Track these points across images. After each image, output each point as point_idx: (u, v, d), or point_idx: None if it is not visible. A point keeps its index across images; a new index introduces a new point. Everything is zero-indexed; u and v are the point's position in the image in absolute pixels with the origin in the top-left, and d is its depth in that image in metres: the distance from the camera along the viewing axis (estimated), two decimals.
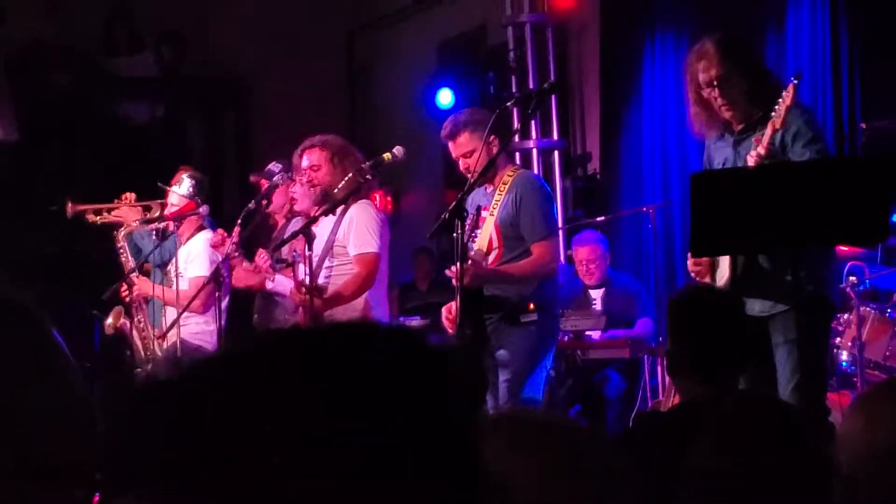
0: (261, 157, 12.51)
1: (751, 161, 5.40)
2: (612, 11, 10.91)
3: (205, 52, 13.58)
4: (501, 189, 6.79)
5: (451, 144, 6.92)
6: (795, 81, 5.40)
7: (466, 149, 6.83)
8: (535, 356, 6.74)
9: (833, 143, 8.32)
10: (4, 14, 12.28)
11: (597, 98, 11.17)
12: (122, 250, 8.48)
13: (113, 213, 8.62)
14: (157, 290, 8.24)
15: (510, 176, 6.87)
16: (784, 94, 5.38)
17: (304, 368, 1.30)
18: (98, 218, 8.63)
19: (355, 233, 7.15)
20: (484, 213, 6.82)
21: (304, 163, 7.37)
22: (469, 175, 6.68)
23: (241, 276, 7.84)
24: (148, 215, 8.57)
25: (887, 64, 8.52)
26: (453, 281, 6.49)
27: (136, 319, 8.39)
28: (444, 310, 6.92)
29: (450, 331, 6.78)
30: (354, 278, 7.14)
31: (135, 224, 8.51)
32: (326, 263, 7.20)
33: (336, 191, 7.12)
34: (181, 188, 8.29)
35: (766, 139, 5.41)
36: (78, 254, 11.76)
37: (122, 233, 8.49)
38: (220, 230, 7.84)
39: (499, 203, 6.77)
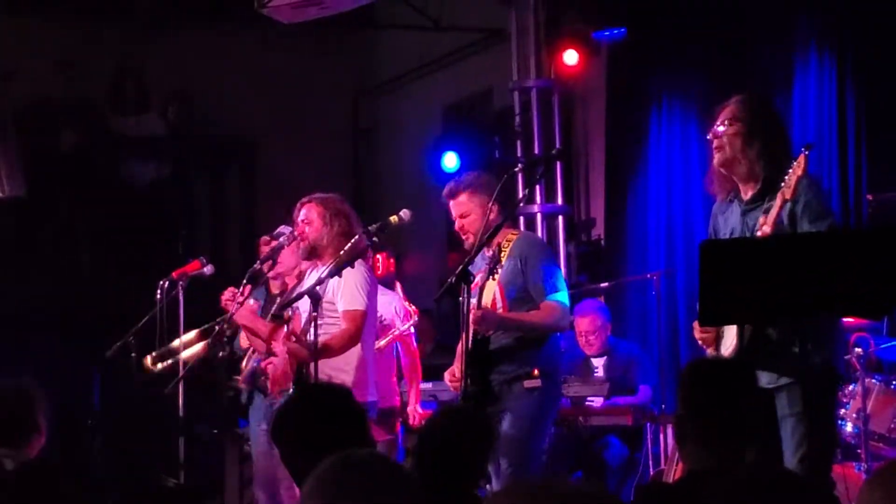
0: (265, 218, 12.55)
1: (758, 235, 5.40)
2: (618, 78, 10.94)
3: (211, 113, 13.64)
4: (504, 248, 6.81)
5: (451, 203, 6.99)
6: (806, 152, 5.39)
7: (462, 210, 6.90)
8: (538, 422, 6.75)
9: (839, 214, 8.32)
10: (14, 70, 12.33)
11: (602, 163, 11.19)
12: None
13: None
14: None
15: (514, 235, 6.92)
16: (795, 164, 5.37)
17: None
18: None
19: (344, 290, 7.17)
20: (479, 278, 6.82)
21: (300, 216, 7.41)
22: (463, 236, 6.76)
23: (247, 314, 7.72)
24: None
25: (894, 136, 8.54)
26: (469, 326, 6.50)
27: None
28: (447, 373, 6.93)
29: (454, 391, 6.79)
30: (342, 333, 7.15)
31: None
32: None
33: (342, 252, 7.13)
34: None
35: (773, 214, 5.39)
36: (80, 310, 11.75)
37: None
38: (230, 288, 7.80)
39: (500, 263, 6.79)
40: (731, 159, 5.72)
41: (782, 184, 5.40)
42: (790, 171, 5.37)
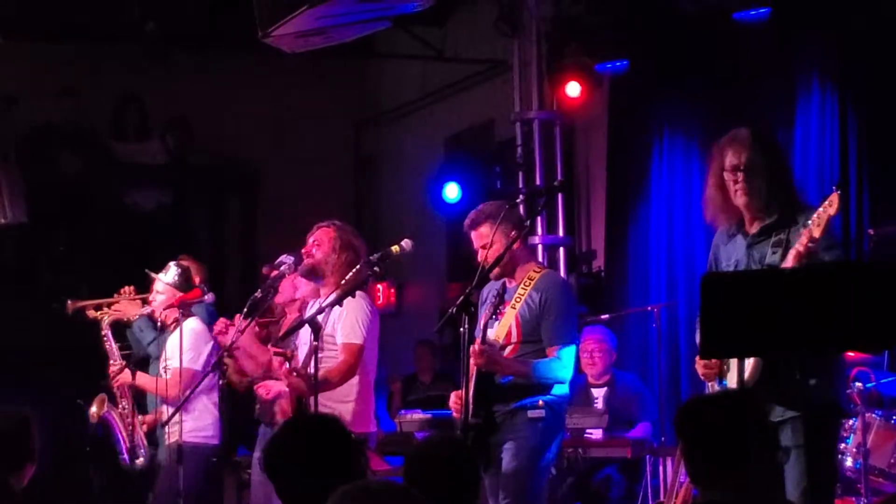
0: (265, 247, 12.54)
1: (790, 257, 5.39)
2: (620, 110, 10.96)
3: (212, 141, 13.66)
4: (526, 284, 6.78)
5: (472, 234, 6.91)
6: (839, 192, 5.37)
7: (485, 241, 6.81)
8: (539, 454, 6.71)
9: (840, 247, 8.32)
10: (17, 97, 12.35)
11: (603, 195, 11.19)
12: (105, 338, 8.45)
13: (113, 307, 8.62)
14: (138, 380, 8.23)
15: (536, 272, 6.86)
16: (826, 203, 5.35)
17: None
18: (98, 313, 8.61)
19: (345, 323, 7.20)
20: (501, 308, 6.79)
21: (312, 237, 7.41)
22: (484, 266, 6.71)
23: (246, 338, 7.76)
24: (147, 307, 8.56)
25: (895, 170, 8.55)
26: (472, 361, 6.48)
27: (120, 406, 8.36)
28: (453, 394, 6.86)
29: (456, 415, 6.76)
30: (340, 365, 7.17)
31: (135, 316, 8.53)
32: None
33: (343, 282, 7.13)
34: (167, 276, 8.30)
35: (805, 241, 5.38)
36: (79, 337, 11.74)
37: (107, 320, 8.47)
38: (222, 319, 7.82)
39: (522, 298, 6.75)
40: (752, 195, 5.72)
41: (809, 222, 5.38)
42: (820, 209, 5.35)
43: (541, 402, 6.69)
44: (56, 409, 9.03)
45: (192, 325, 8.21)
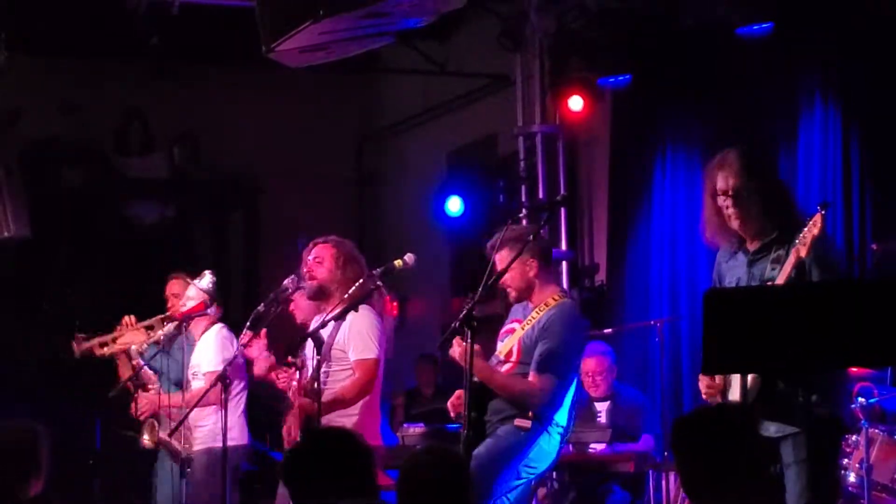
0: (267, 261, 12.57)
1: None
2: (622, 124, 10.97)
3: (215, 156, 13.68)
4: (541, 308, 6.79)
5: (495, 257, 6.85)
6: (823, 211, 5.38)
7: (504, 265, 6.76)
8: (508, 454, 6.64)
9: (843, 263, 8.31)
10: (21, 112, 12.37)
11: (606, 209, 11.20)
12: (138, 366, 8.47)
13: (118, 341, 8.61)
14: (188, 396, 8.25)
15: (555, 300, 6.85)
16: (811, 223, 5.37)
17: None
18: (106, 350, 8.61)
19: (356, 338, 7.17)
20: (515, 325, 6.81)
21: (311, 255, 7.38)
22: (507, 290, 6.77)
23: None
24: (151, 334, 8.56)
25: None
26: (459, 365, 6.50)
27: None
28: (454, 395, 6.80)
29: (452, 414, 6.74)
30: (354, 383, 7.14)
31: (142, 345, 8.54)
32: (323, 368, 7.16)
33: (346, 296, 7.12)
34: (202, 282, 8.37)
35: (787, 269, 5.40)
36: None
37: (135, 349, 8.48)
38: (248, 332, 7.78)
39: (532, 321, 6.76)
40: (745, 218, 5.73)
41: (796, 241, 5.39)
42: (805, 229, 5.36)
43: (531, 414, 6.66)
44: (58, 423, 9.03)
45: (219, 331, 8.29)
